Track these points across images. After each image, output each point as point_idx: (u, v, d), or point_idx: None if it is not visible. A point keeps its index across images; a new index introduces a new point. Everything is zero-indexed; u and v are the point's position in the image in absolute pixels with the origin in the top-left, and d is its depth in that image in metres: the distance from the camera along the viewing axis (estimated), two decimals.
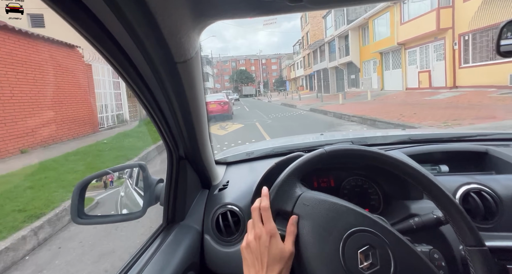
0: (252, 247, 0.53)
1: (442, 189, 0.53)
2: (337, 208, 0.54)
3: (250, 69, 79.43)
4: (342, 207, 0.54)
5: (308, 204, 0.55)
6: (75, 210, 0.72)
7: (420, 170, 0.55)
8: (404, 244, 0.51)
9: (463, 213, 0.51)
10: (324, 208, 0.54)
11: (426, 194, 0.56)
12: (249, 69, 79.59)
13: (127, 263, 0.69)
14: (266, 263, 0.50)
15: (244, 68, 75.54)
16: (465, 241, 0.51)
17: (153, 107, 0.62)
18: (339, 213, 0.53)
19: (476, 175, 0.89)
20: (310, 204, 0.55)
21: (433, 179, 0.54)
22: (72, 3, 0.37)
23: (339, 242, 0.50)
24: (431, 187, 0.54)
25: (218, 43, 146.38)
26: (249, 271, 0.53)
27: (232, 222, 0.84)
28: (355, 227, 0.51)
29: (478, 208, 0.78)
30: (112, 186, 0.81)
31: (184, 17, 0.45)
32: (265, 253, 0.51)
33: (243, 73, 68.49)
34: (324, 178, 0.98)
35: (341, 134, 1.64)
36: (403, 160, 0.57)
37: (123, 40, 0.45)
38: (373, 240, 0.50)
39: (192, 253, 0.77)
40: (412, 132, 1.33)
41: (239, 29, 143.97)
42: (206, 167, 0.89)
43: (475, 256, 0.49)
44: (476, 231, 0.50)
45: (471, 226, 0.50)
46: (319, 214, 0.54)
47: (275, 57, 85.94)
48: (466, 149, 1.03)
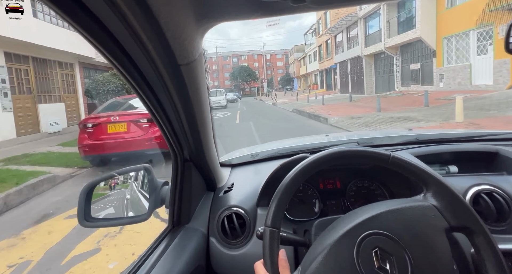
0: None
1: (429, 172, 0.53)
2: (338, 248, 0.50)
3: (253, 66, 69.60)
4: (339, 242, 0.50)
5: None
6: (82, 213, 0.72)
7: (428, 170, 0.54)
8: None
9: (453, 192, 0.51)
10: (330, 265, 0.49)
11: (415, 180, 0.55)
12: (252, 65, 69.86)
13: (134, 266, 0.69)
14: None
15: (246, 65, 66.90)
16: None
17: (157, 109, 0.62)
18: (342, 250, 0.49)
19: (486, 176, 0.87)
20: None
21: (442, 180, 0.53)
22: (76, 6, 0.37)
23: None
24: (418, 172, 0.53)
25: (221, 41, 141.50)
26: None
27: (238, 224, 0.83)
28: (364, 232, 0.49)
29: (490, 210, 0.76)
30: (117, 188, 0.82)
31: (187, 20, 0.46)
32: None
33: (245, 70, 59.80)
34: (330, 179, 0.97)
35: (346, 135, 1.62)
36: (411, 161, 0.56)
37: (126, 43, 0.45)
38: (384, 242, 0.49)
39: (198, 256, 0.77)
40: (419, 133, 1.31)
41: (243, 28, 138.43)
42: (211, 169, 0.89)
43: (475, 233, 0.48)
44: (470, 208, 0.50)
45: (463, 203, 0.50)
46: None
47: (281, 53, 76.99)
48: (475, 149, 1.01)
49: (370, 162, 0.57)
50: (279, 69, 76.69)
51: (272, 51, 79.20)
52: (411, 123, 7.14)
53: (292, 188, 0.55)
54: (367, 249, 0.47)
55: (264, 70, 62.53)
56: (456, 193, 0.51)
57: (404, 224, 0.49)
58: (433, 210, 0.50)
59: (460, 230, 0.50)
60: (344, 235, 0.49)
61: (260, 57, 72.64)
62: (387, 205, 0.53)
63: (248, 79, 58.89)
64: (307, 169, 0.56)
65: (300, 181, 0.56)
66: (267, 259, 0.50)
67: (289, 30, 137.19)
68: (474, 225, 0.49)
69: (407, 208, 0.51)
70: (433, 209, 0.50)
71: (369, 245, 0.48)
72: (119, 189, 0.82)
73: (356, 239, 0.48)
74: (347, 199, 0.93)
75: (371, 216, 0.51)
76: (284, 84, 65.88)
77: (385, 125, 7.33)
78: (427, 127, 6.18)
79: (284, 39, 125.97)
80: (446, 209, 0.50)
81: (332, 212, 0.91)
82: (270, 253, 0.50)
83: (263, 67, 64.29)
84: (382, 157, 0.55)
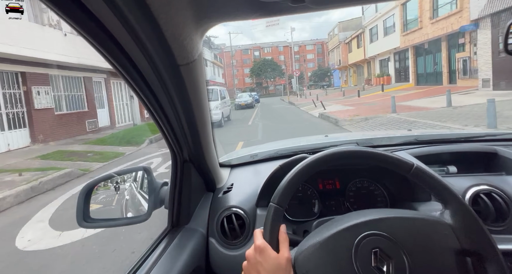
0: (246, 271, 0.53)
1: (452, 190, 0.52)
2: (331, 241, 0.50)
3: (278, 60, 56.19)
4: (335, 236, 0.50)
5: (306, 270, 0.50)
6: (80, 213, 0.72)
7: (451, 188, 0.53)
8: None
9: (473, 215, 0.50)
10: (322, 256, 0.49)
11: (434, 196, 0.55)
12: (277, 59, 56.43)
13: (133, 267, 0.69)
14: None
15: (270, 58, 52.83)
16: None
17: (157, 110, 0.62)
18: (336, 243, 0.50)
19: (485, 176, 0.87)
20: (309, 269, 0.50)
21: (463, 200, 0.52)
22: (75, 7, 0.37)
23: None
24: (440, 188, 0.53)
25: (243, 39, 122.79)
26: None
27: (237, 225, 0.83)
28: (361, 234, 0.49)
29: (489, 210, 0.77)
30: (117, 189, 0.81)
31: (186, 20, 0.46)
32: (260, 269, 0.50)
33: (268, 64, 47.78)
34: (330, 179, 0.97)
35: (346, 136, 1.62)
36: (434, 174, 0.55)
37: (125, 43, 0.45)
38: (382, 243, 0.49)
39: (197, 257, 0.76)
40: (418, 133, 1.31)
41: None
42: (210, 170, 0.89)
43: (487, 260, 0.48)
44: (488, 233, 0.49)
45: (482, 228, 0.49)
46: (324, 270, 0.49)
47: (312, 43, 62.20)
48: (474, 149, 1.01)
49: (389, 168, 0.56)
50: (310, 63, 61.07)
51: (301, 42, 64.04)
52: None
53: (306, 174, 0.55)
54: (367, 247, 0.48)
55: (291, 64, 50.34)
56: (476, 216, 0.50)
57: (412, 233, 0.49)
58: (447, 228, 0.49)
59: (471, 255, 0.49)
60: (346, 229, 0.50)
61: (286, 49, 59.49)
62: (398, 212, 0.52)
63: (272, 76, 48.34)
64: (327, 159, 0.56)
65: (316, 170, 0.56)
66: (267, 232, 0.52)
67: (315, 26, 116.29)
68: (489, 253, 0.47)
69: (418, 219, 0.51)
70: (447, 227, 0.49)
71: (370, 244, 0.48)
72: (119, 190, 0.82)
73: (358, 235, 0.49)
74: (346, 199, 0.93)
75: (378, 217, 0.51)
76: (316, 80, 52.31)
77: None
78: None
79: (309, 36, 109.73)
80: (461, 231, 0.49)
81: (332, 212, 0.91)
82: (271, 227, 0.52)
83: (291, 60, 51.67)
84: (404, 165, 0.54)
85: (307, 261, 0.50)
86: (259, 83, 54.39)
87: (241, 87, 55.36)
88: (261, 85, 54.48)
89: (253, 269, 0.51)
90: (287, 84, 39.17)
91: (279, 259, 0.50)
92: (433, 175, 0.54)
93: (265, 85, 55.07)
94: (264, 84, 54.47)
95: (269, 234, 0.52)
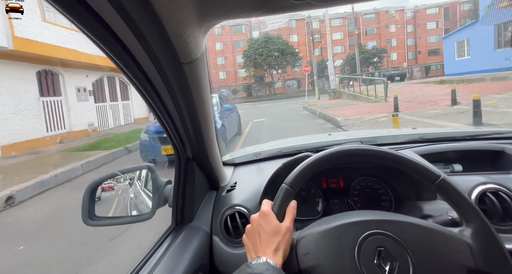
0: (248, 232, 0.56)
1: (477, 209, 0.51)
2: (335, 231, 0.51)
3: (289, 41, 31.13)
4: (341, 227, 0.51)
5: (307, 251, 0.50)
6: (85, 211, 0.73)
7: (475, 207, 0.52)
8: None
9: (497, 238, 0.49)
10: (326, 243, 0.50)
11: (440, 194, 0.54)
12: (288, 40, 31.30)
13: (137, 265, 0.69)
14: (262, 239, 0.52)
15: (278, 35, 28.10)
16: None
17: (160, 108, 0.62)
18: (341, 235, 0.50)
19: (492, 175, 0.86)
20: (310, 250, 0.50)
21: (487, 221, 0.51)
22: (78, 5, 0.37)
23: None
24: (464, 206, 0.51)
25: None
26: (250, 255, 0.54)
27: (241, 223, 0.83)
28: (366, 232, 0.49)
29: (496, 209, 0.76)
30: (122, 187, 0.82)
31: (189, 18, 0.45)
32: (260, 231, 0.53)
33: (273, 42, 27.18)
34: (333, 178, 0.96)
35: (349, 134, 1.61)
36: (460, 190, 0.54)
37: (128, 42, 0.45)
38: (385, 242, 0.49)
39: (201, 255, 0.77)
40: (423, 131, 1.30)
41: None
42: (213, 168, 0.89)
43: (495, 260, 0.47)
44: (510, 259, 0.48)
45: (504, 254, 0.48)
46: (325, 254, 0.49)
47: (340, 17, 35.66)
48: (481, 147, 1.00)
49: (414, 176, 0.55)
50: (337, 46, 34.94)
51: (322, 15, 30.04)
52: None
53: (326, 163, 0.56)
54: (373, 244, 0.48)
55: (308, 48, 30.65)
56: (501, 240, 0.48)
57: (423, 241, 0.48)
58: (464, 247, 0.48)
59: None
60: (357, 222, 0.50)
61: (302, 24, 34.53)
62: (415, 220, 0.52)
63: (281, 63, 27.68)
64: (349, 153, 0.56)
65: (336, 162, 0.56)
66: (276, 205, 0.54)
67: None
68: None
69: (434, 231, 0.50)
70: (465, 245, 0.48)
71: (376, 242, 0.48)
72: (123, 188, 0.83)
73: (366, 230, 0.49)
74: (350, 198, 0.93)
75: (391, 219, 0.50)
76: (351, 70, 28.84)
77: None
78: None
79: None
80: (480, 252, 0.48)
81: (335, 211, 0.90)
82: (280, 203, 0.54)
83: (308, 43, 30.77)
84: (430, 175, 0.53)
85: (309, 243, 0.50)
86: (259, 77, 31.48)
87: (232, 85, 32.81)
88: (263, 81, 31.45)
89: (255, 230, 0.54)
90: (308, 77, 20.99)
91: (280, 226, 0.52)
92: (459, 190, 0.52)
93: (268, 81, 30.86)
94: (268, 79, 30.97)
95: (278, 207, 0.54)
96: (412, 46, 37.24)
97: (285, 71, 29.86)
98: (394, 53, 36.21)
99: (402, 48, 37.03)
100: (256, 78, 32.23)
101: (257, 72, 30.92)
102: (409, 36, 37.03)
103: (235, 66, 35.21)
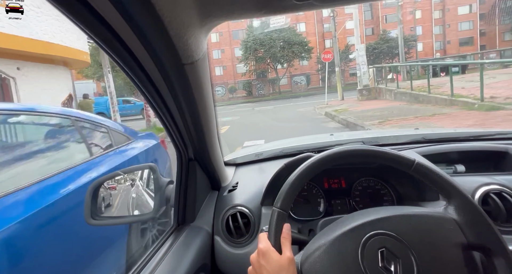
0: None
1: (454, 184, 0.52)
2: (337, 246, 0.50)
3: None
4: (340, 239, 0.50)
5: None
6: (88, 211, 0.74)
7: (454, 182, 0.53)
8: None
9: (477, 208, 0.50)
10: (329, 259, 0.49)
11: (442, 195, 0.54)
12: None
13: (139, 264, 0.70)
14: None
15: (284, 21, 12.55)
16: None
17: (162, 108, 0.62)
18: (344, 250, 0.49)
19: (495, 175, 0.85)
20: (316, 272, 0.49)
21: (467, 194, 0.51)
22: (80, 5, 0.38)
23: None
24: (442, 183, 0.52)
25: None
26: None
27: (242, 223, 0.83)
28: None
29: (499, 210, 0.75)
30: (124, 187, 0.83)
31: (191, 19, 0.46)
32: (263, 272, 0.51)
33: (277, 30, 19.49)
34: (335, 178, 0.96)
35: (351, 135, 1.58)
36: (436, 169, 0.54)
37: (131, 42, 0.45)
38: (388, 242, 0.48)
39: (202, 255, 0.77)
40: (426, 132, 1.28)
41: None
42: (215, 168, 0.89)
43: (495, 254, 0.47)
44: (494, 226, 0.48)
45: (487, 221, 0.49)
46: (332, 272, 0.48)
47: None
48: (484, 148, 1.00)
49: (391, 165, 0.55)
50: (349, 36, 23.73)
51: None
52: None
53: (308, 175, 0.55)
54: (373, 248, 0.47)
55: (318, 39, 26.92)
56: (481, 209, 0.50)
57: (418, 231, 0.49)
58: (452, 224, 0.49)
59: (478, 249, 0.49)
60: (352, 229, 0.50)
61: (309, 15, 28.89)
62: (402, 210, 0.52)
63: (287, 55, 22.89)
64: (327, 159, 0.56)
65: (317, 171, 0.56)
66: (271, 235, 0.53)
67: None
68: (496, 246, 0.47)
69: (423, 216, 0.50)
70: (452, 222, 0.49)
71: (376, 244, 0.48)
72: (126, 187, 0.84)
73: (363, 235, 0.48)
74: (352, 199, 0.93)
75: (382, 217, 0.51)
76: (372, 63, 18.57)
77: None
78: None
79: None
80: (467, 225, 0.49)
81: (337, 211, 0.91)
82: (275, 231, 0.53)
83: (317, 33, 27.13)
84: (405, 161, 0.54)
85: (313, 264, 0.50)
86: (261, 73, 26.30)
87: (230, 83, 27.95)
88: (265, 78, 26.34)
89: (257, 273, 0.52)
90: (322, 70, 17.43)
91: (281, 260, 0.50)
92: (435, 170, 0.54)
93: (272, 77, 25.94)
94: (271, 74, 25.91)
95: (274, 238, 0.53)
96: (440, 35, 31.54)
97: (291, 65, 24.15)
98: (419, 43, 29.46)
99: (429, 37, 30.97)
100: (257, 74, 26.71)
101: (259, 67, 25.54)
102: (437, 23, 31.26)
103: (233, 61, 29.71)
